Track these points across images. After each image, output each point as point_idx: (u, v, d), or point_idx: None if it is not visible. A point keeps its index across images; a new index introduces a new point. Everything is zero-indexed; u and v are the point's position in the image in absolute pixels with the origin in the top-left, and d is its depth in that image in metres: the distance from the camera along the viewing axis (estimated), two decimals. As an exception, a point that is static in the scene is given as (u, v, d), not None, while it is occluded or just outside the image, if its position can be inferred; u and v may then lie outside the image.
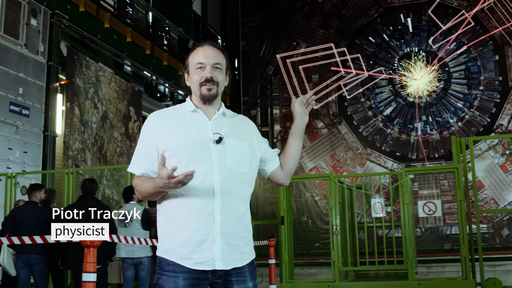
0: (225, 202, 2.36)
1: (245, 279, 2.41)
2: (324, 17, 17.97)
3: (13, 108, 10.27)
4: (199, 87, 2.47)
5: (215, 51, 2.51)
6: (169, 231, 2.39)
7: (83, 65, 12.35)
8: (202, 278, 2.35)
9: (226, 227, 2.35)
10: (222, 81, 2.52)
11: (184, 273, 2.33)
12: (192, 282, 2.34)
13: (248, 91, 18.42)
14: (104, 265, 6.35)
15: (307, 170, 17.15)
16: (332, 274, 6.89)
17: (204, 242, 2.33)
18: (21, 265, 6.64)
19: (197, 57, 2.49)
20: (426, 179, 15.38)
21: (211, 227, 2.33)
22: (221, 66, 2.50)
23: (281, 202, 7.26)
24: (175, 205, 2.39)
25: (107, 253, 6.36)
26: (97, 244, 3.83)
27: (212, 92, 2.46)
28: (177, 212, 2.37)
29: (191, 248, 2.33)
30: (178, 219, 2.37)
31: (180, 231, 2.35)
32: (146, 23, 16.11)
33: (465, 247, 6.52)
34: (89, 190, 6.53)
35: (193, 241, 2.32)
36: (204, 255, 2.33)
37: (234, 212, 2.39)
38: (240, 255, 2.40)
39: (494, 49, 16.47)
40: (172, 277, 2.34)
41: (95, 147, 12.48)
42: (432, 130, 16.53)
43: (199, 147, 2.38)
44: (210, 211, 2.33)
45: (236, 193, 2.41)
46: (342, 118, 17.35)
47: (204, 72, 2.46)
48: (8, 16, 10.28)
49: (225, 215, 2.35)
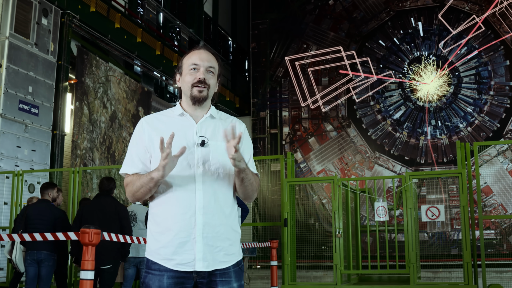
0: (208, 204, 2.38)
1: (230, 279, 2.43)
2: (334, 20, 17.95)
3: (22, 107, 10.36)
4: (190, 87, 2.50)
5: (210, 55, 2.55)
6: (155, 232, 2.43)
7: (93, 65, 12.44)
8: (187, 278, 2.38)
9: (209, 229, 2.37)
10: (213, 85, 2.55)
11: (168, 272, 2.37)
12: (177, 281, 2.37)
13: (258, 92, 18.44)
14: (116, 265, 6.37)
15: (315, 172, 17.14)
16: (334, 277, 6.90)
17: (186, 243, 2.35)
18: (31, 261, 6.72)
19: (192, 58, 2.52)
20: (434, 184, 15.34)
21: (192, 228, 2.35)
22: (214, 70, 2.54)
23: (285, 204, 7.28)
24: (160, 207, 2.43)
25: (121, 253, 6.39)
26: (95, 243, 3.86)
27: (202, 94, 2.49)
28: (162, 214, 2.41)
29: (173, 249, 2.36)
30: (163, 221, 2.40)
31: (164, 233, 2.39)
32: (157, 23, 16.19)
33: (467, 252, 6.50)
34: (106, 189, 6.56)
35: (175, 242, 2.36)
36: (185, 257, 2.36)
37: (218, 214, 2.40)
38: (224, 256, 2.42)
39: (505, 54, 16.37)
40: (157, 276, 2.38)
41: (103, 147, 12.56)
42: (441, 135, 16.46)
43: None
44: (192, 213, 2.36)
45: (220, 195, 2.43)
46: (351, 121, 17.32)
47: (197, 74, 2.49)
48: (19, 16, 10.38)
49: (208, 216, 2.37)
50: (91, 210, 6.38)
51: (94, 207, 6.42)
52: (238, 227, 2.55)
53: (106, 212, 6.32)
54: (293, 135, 17.80)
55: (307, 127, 17.67)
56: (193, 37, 17.56)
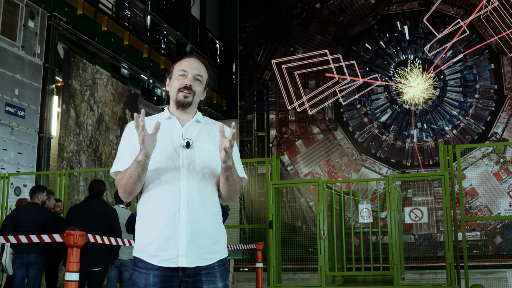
0: (192, 202, 2.46)
1: (215, 279, 2.49)
2: (321, 23, 18.06)
3: (8, 109, 10.34)
4: (176, 92, 2.61)
5: (200, 64, 2.66)
6: (142, 230, 2.51)
7: (80, 68, 12.44)
8: (172, 276, 2.44)
9: (192, 226, 2.44)
10: (199, 92, 2.66)
11: (154, 270, 2.43)
12: (163, 279, 2.43)
13: (245, 95, 18.50)
14: (105, 267, 6.38)
15: (302, 175, 17.22)
16: (319, 279, 6.96)
17: (170, 240, 2.42)
18: (19, 264, 6.72)
19: (183, 65, 2.63)
20: (420, 186, 15.46)
21: (176, 225, 2.42)
22: (201, 79, 2.64)
23: (270, 206, 7.34)
24: (147, 206, 2.51)
25: (110, 255, 6.40)
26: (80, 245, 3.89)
27: (187, 99, 2.60)
28: (148, 213, 2.49)
29: (157, 246, 2.43)
30: (149, 219, 2.48)
31: (150, 230, 2.46)
32: (144, 26, 16.20)
33: (450, 253, 6.59)
34: (96, 191, 6.55)
35: (160, 239, 2.43)
36: (169, 253, 2.42)
37: (202, 212, 2.47)
38: (206, 254, 2.48)
39: (490, 58, 16.55)
40: (144, 274, 2.45)
41: (90, 149, 12.55)
42: (427, 138, 16.60)
43: (169, 151, 2.51)
44: (176, 210, 2.44)
45: (205, 193, 2.51)
46: (337, 124, 17.42)
47: (185, 80, 2.60)
48: (5, 18, 10.37)
49: (192, 214, 2.45)
50: (81, 212, 6.37)
51: (84, 209, 6.41)
52: (222, 226, 2.61)
53: (97, 215, 6.33)
54: (280, 138, 17.87)
55: (294, 130, 17.74)
56: (180, 40, 17.58)
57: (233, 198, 2.61)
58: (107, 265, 6.45)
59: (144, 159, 2.38)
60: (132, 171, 2.42)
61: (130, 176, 2.43)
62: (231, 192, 2.56)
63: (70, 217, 6.41)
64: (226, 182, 2.51)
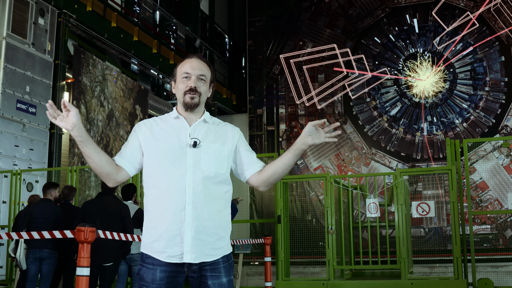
0: (197, 200, 2.54)
1: (220, 274, 2.58)
2: (330, 17, 18.05)
3: (20, 106, 10.46)
4: (183, 95, 2.69)
5: (202, 64, 2.73)
6: (148, 227, 2.61)
7: (90, 64, 12.53)
8: (178, 271, 2.55)
9: (197, 223, 2.53)
10: (205, 91, 2.74)
11: (161, 266, 2.54)
12: (169, 274, 2.54)
13: (255, 90, 18.55)
14: (117, 262, 6.47)
15: (312, 169, 17.26)
16: (327, 273, 7.02)
17: (176, 237, 2.52)
18: (32, 259, 6.83)
19: (185, 67, 2.71)
20: (430, 180, 15.45)
21: (182, 223, 2.52)
22: (205, 78, 2.72)
23: (278, 201, 7.40)
24: (153, 203, 2.60)
25: (122, 251, 6.48)
26: (91, 240, 3.97)
27: (194, 100, 2.68)
28: (154, 210, 2.59)
29: (164, 243, 2.53)
30: (155, 216, 2.58)
31: (156, 227, 2.56)
32: (153, 22, 16.27)
33: (457, 247, 6.63)
34: (109, 188, 6.63)
35: (166, 235, 2.53)
36: (175, 249, 2.52)
37: (206, 210, 2.56)
38: (211, 250, 2.56)
39: (500, 50, 16.48)
40: (151, 269, 2.55)
41: (100, 145, 12.67)
42: (437, 131, 16.58)
43: (176, 150, 2.60)
44: (181, 208, 2.53)
45: (210, 192, 2.59)
46: (347, 117, 17.43)
47: (189, 82, 2.68)
48: (16, 16, 10.47)
49: (197, 212, 2.53)
50: (94, 209, 6.46)
51: (97, 206, 6.49)
52: (227, 223, 2.69)
53: (109, 211, 6.41)
54: (290, 132, 17.91)
55: (303, 124, 17.77)
56: (189, 35, 17.64)
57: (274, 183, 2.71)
58: (119, 260, 6.53)
59: (71, 129, 2.55)
60: (85, 156, 2.58)
61: (89, 162, 2.60)
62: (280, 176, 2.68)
63: (82, 213, 6.50)
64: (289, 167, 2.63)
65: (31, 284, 6.92)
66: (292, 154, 2.60)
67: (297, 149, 2.59)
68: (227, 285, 2.60)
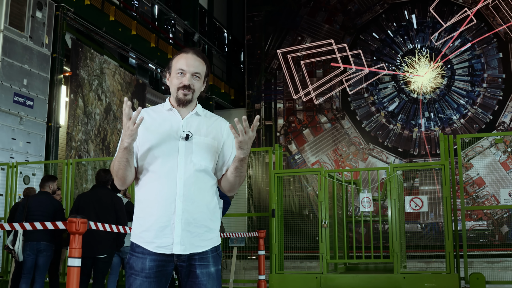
0: (187, 192, 2.58)
1: (208, 264, 2.64)
2: (329, 12, 18.05)
3: (17, 99, 10.49)
4: (176, 90, 2.72)
5: (197, 60, 2.75)
6: (139, 217, 2.65)
7: (88, 57, 12.55)
8: (168, 261, 2.59)
9: (187, 215, 2.57)
10: (199, 88, 2.77)
11: (151, 255, 2.58)
12: (158, 263, 2.58)
13: (253, 85, 18.56)
14: (110, 254, 6.51)
15: (309, 164, 17.29)
16: (320, 266, 7.07)
17: (166, 228, 2.56)
18: (29, 252, 6.87)
19: (180, 63, 2.73)
20: (427, 175, 15.48)
21: (172, 214, 2.56)
22: (200, 75, 2.75)
23: (272, 195, 7.44)
24: (145, 193, 2.64)
25: (115, 243, 6.52)
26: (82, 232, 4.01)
27: (187, 97, 2.72)
28: (145, 200, 2.63)
29: (154, 233, 2.57)
30: (146, 207, 2.62)
31: (146, 217, 2.60)
32: (152, 16, 16.28)
33: (449, 242, 6.68)
34: (103, 180, 6.66)
35: (156, 226, 2.57)
36: (164, 240, 2.56)
37: (196, 202, 2.60)
38: (200, 241, 2.61)
39: (498, 47, 16.49)
40: (140, 258, 2.59)
41: (98, 139, 12.70)
42: (435, 127, 16.60)
43: (169, 142, 2.64)
44: (172, 200, 2.56)
45: (200, 185, 2.64)
46: (345, 113, 17.45)
47: (183, 79, 2.71)
48: (13, 9, 10.48)
49: (187, 204, 2.57)
50: (88, 201, 6.49)
51: (91, 198, 6.53)
52: (217, 215, 2.73)
53: (103, 203, 6.44)
54: (287, 127, 17.93)
55: (301, 119, 17.79)
56: (188, 29, 17.64)
57: (235, 190, 2.76)
58: (113, 252, 6.57)
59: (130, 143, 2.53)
60: (120, 157, 2.58)
61: (120, 163, 2.59)
62: (235, 184, 2.71)
63: (77, 206, 6.53)
64: (234, 172, 2.65)
65: (26, 276, 6.96)
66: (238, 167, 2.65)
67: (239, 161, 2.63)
68: (215, 274, 2.65)
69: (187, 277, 2.61)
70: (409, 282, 6.72)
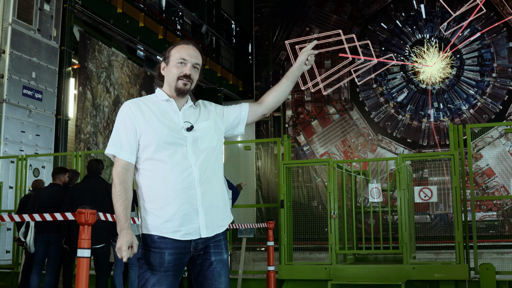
0: (203, 177, 2.64)
1: (222, 251, 2.72)
2: (337, 3, 17.96)
3: (26, 92, 10.52)
4: (176, 79, 2.72)
5: (197, 52, 2.78)
6: (153, 209, 2.63)
7: (96, 50, 12.57)
8: (185, 253, 2.63)
9: (206, 199, 2.64)
10: (196, 79, 2.81)
11: (169, 249, 2.59)
12: (176, 256, 2.61)
13: (261, 76, 18.54)
14: (108, 244, 6.52)
15: (318, 155, 17.27)
16: (329, 257, 7.06)
17: (189, 215, 2.61)
18: (40, 243, 6.91)
19: (181, 53, 2.74)
20: (437, 166, 15.42)
21: (194, 200, 2.61)
22: (198, 67, 2.79)
23: (281, 186, 7.43)
24: (156, 185, 2.63)
25: (112, 232, 6.52)
26: (91, 222, 4.01)
27: (187, 87, 2.73)
28: (159, 191, 2.62)
29: (179, 222, 2.59)
30: (161, 197, 2.61)
31: (164, 208, 2.60)
32: (159, 8, 16.25)
33: (459, 232, 6.65)
34: (94, 169, 6.68)
35: (180, 215, 2.59)
36: (191, 226, 2.61)
37: (211, 184, 2.68)
38: (220, 221, 2.72)
39: (508, 36, 16.36)
40: (158, 253, 2.60)
41: (107, 131, 12.73)
42: (444, 117, 16.52)
43: (175, 133, 2.66)
44: (191, 187, 2.61)
45: (210, 167, 2.70)
46: (354, 104, 17.40)
47: (185, 69, 2.72)
48: (21, 2, 10.50)
49: (204, 187, 2.64)
50: (82, 192, 6.48)
51: (84, 188, 6.52)
52: (225, 191, 2.84)
53: (97, 193, 6.44)
54: (296, 118, 17.91)
55: (310, 110, 17.76)
56: (196, 21, 17.61)
57: (276, 106, 2.94)
58: (110, 241, 6.56)
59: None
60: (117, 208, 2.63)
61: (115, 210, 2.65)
62: (281, 100, 2.93)
63: (70, 196, 6.51)
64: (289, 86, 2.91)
65: (38, 267, 7.00)
66: (291, 82, 2.91)
67: (295, 76, 2.92)
68: (226, 261, 2.74)
69: (201, 267, 2.67)
70: (419, 273, 6.70)
